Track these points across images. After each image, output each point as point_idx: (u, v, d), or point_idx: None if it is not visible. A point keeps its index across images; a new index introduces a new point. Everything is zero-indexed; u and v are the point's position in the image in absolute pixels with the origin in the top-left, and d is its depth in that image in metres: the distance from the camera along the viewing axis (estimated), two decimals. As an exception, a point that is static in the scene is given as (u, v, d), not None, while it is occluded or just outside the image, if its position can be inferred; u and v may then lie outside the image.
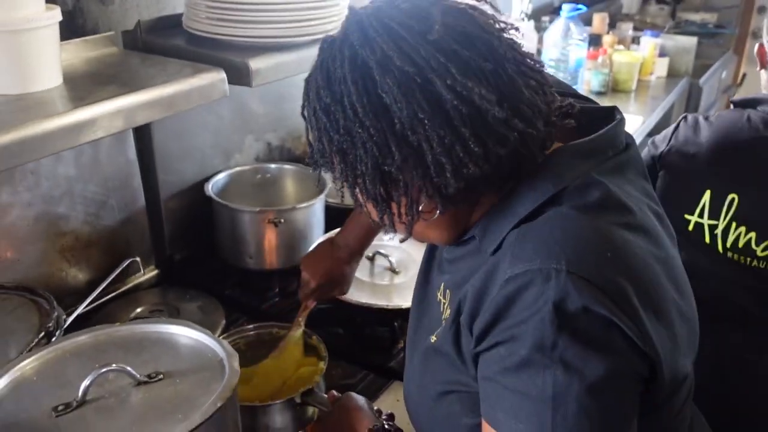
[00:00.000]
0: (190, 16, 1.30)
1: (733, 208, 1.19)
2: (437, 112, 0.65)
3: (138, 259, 1.32)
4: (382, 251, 1.49)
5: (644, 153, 1.35)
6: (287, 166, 1.76)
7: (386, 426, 0.95)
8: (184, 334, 0.99)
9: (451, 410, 0.78)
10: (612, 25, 3.37)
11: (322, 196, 1.59)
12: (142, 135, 1.48)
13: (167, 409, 0.84)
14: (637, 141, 1.32)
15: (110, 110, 1.01)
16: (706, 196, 1.22)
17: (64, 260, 1.38)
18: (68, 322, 1.18)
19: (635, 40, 3.23)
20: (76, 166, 1.35)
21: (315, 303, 1.29)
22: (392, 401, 1.21)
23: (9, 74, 1.00)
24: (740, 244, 1.18)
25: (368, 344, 1.39)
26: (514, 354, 0.63)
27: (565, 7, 2.92)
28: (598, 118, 0.77)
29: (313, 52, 1.29)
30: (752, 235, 1.17)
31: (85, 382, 0.85)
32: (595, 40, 3.04)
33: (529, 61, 0.71)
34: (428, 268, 0.92)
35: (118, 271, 1.30)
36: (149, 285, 1.56)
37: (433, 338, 0.79)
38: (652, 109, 2.86)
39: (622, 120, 0.78)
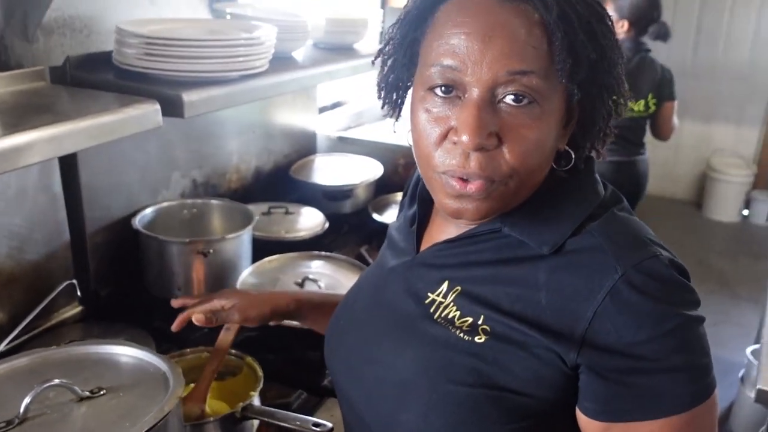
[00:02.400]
0: (120, 52, 1.34)
1: None
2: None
3: (75, 281, 1.31)
4: (311, 276, 1.54)
5: None
6: (213, 202, 1.80)
7: None
8: (124, 353, 1.00)
9: (483, 414, 0.74)
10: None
11: (250, 227, 1.63)
12: (69, 169, 1.48)
13: (113, 419, 0.86)
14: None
15: (46, 136, 1.02)
16: None
17: (-15, 296, 1.35)
18: (-3, 352, 1.15)
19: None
20: (1, 199, 1.34)
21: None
22: (328, 417, 1.25)
23: (-58, 101, 1.01)
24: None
25: (300, 366, 1.42)
26: (666, 321, 0.69)
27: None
28: None
29: (241, 87, 1.40)
30: (631, 102, 2.53)
31: (27, 399, 0.85)
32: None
33: None
34: (394, 274, 0.88)
35: (53, 295, 1.29)
36: (74, 321, 1.53)
37: (481, 338, 0.75)
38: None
39: None
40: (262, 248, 1.73)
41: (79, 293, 1.32)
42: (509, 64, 0.68)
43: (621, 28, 2.90)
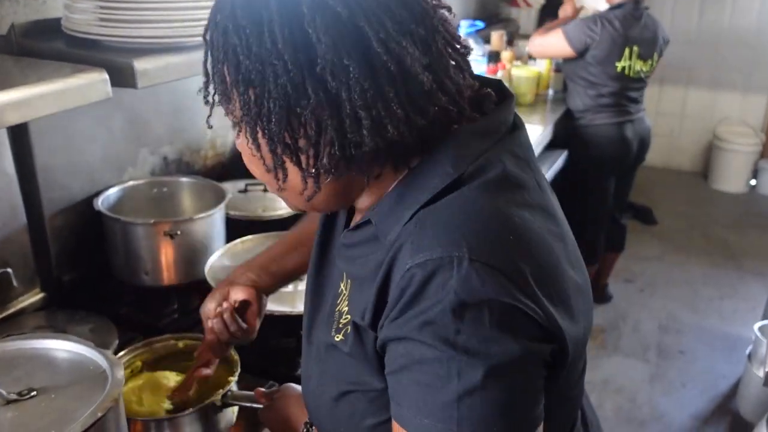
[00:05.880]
0: (69, 18, 1.23)
1: (636, 54, 2.87)
2: (364, 63, 0.62)
3: (10, 270, 1.21)
4: (285, 259, 1.44)
5: (580, 36, 2.84)
6: (184, 179, 1.69)
7: None
8: (62, 347, 0.91)
9: (354, 410, 0.74)
10: (509, 43, 3.49)
11: (221, 206, 1.52)
12: (21, 148, 1.38)
13: (39, 425, 0.77)
14: (536, 151, 1.58)
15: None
16: (626, 51, 2.84)
17: (-69, 284, 1.26)
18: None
19: (532, 57, 3.35)
20: (-57, 181, 1.24)
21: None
22: (299, 410, 1.16)
23: None
24: (638, 68, 2.90)
25: (273, 355, 1.33)
26: (418, 347, 0.61)
27: (463, 23, 3.00)
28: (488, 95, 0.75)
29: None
30: (641, 62, 2.90)
31: (-57, 403, 0.76)
32: (493, 57, 3.13)
33: (457, 41, 0.70)
34: (323, 253, 0.86)
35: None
36: (34, 309, 1.44)
37: (339, 337, 0.74)
38: (550, 120, 2.96)
39: (513, 97, 0.75)
40: (237, 228, 1.63)
41: (15, 283, 1.21)
42: None
43: None
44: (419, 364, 0.61)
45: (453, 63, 0.68)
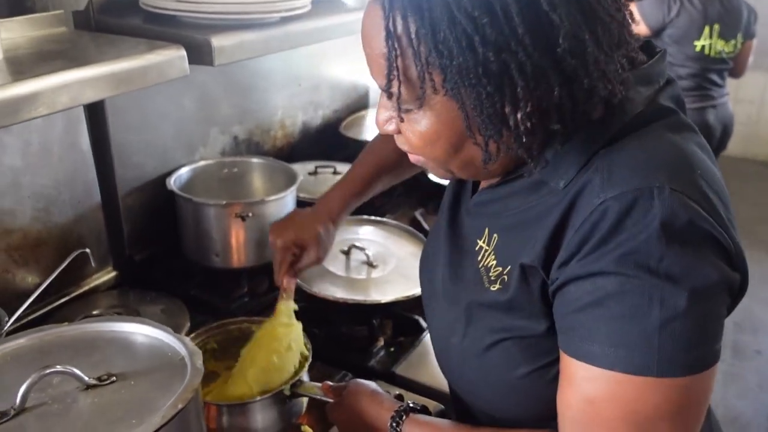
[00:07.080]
0: (146, -7, 1.20)
1: (716, 33, 2.75)
2: (596, 32, 0.61)
3: (88, 250, 1.20)
4: (358, 245, 1.40)
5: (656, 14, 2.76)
6: (255, 160, 1.66)
7: (411, 405, 0.86)
8: (141, 332, 0.89)
9: (507, 358, 0.73)
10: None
11: (293, 188, 1.49)
12: (97, 126, 1.37)
13: (119, 413, 0.74)
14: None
15: (53, 85, 0.90)
16: (706, 30, 2.71)
17: (11, 260, 1.26)
18: (9, 324, 1.06)
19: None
20: (23, 157, 1.23)
21: (294, 280, 1.19)
22: (373, 403, 1.12)
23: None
24: (719, 48, 2.76)
25: (346, 343, 1.29)
26: (612, 280, 0.60)
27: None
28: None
29: (281, 32, 1.24)
30: (723, 42, 2.78)
31: (23, 387, 0.74)
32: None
33: None
34: (453, 219, 0.86)
35: (64, 264, 1.18)
36: (107, 287, 1.44)
37: (495, 286, 0.74)
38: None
39: (665, 52, 0.75)
40: (307, 211, 1.59)
41: (93, 263, 1.20)
42: (376, 78, 0.68)
43: None
44: (615, 296, 0.60)
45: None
